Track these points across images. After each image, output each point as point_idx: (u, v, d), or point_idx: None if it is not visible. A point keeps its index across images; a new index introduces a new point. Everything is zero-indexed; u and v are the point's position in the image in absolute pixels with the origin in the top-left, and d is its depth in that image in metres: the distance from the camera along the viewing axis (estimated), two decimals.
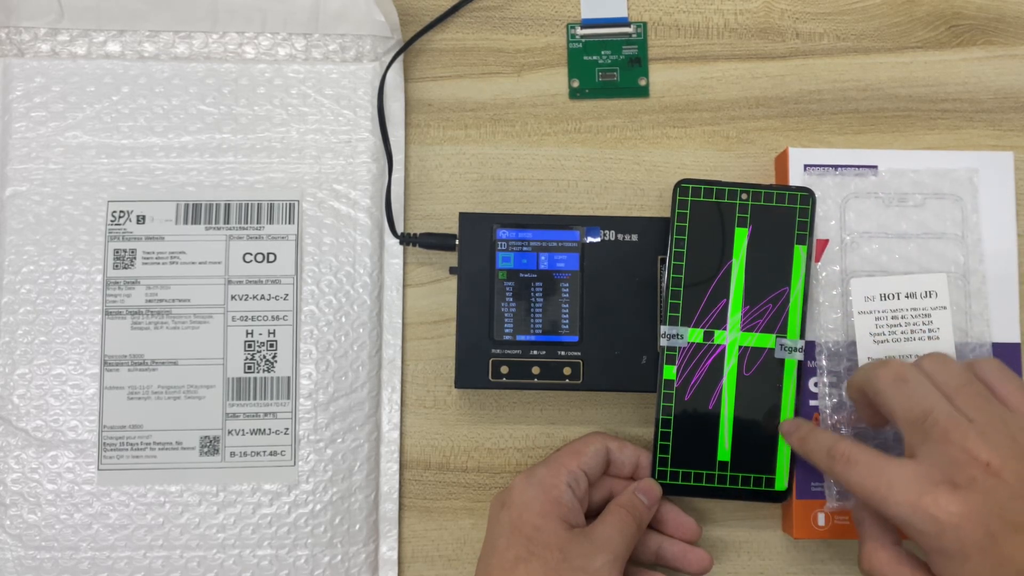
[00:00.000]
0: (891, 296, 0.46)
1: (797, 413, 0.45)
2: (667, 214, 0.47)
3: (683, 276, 0.45)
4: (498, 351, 0.46)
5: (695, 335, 0.45)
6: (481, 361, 0.46)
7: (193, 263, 0.48)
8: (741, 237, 0.46)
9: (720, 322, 0.45)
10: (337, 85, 0.50)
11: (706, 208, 0.46)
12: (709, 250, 0.46)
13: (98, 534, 0.46)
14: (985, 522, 0.34)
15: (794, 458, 0.45)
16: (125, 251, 0.48)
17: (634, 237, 0.47)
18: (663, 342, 0.45)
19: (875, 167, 0.48)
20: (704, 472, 0.45)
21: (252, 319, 0.48)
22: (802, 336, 0.45)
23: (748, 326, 0.45)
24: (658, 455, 0.45)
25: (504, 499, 0.43)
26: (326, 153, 0.49)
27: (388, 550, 0.48)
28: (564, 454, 0.45)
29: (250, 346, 0.48)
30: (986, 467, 0.35)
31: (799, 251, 0.45)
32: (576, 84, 0.51)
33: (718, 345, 0.45)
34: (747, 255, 0.45)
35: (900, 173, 0.48)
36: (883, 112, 0.51)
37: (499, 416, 0.49)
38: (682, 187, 0.46)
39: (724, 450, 0.45)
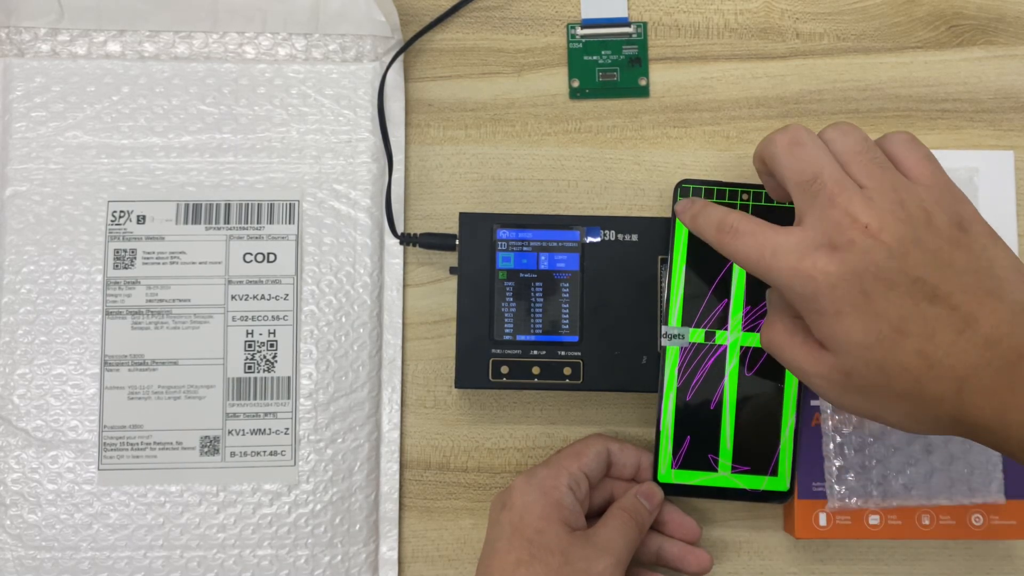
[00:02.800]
0: None
1: (798, 413, 0.45)
2: (667, 214, 0.47)
3: (684, 276, 0.45)
4: (498, 351, 0.46)
5: (696, 335, 0.45)
6: (481, 361, 0.46)
7: (193, 263, 0.48)
8: None
9: (721, 322, 0.45)
10: (337, 85, 0.50)
11: None
12: (710, 250, 0.45)
13: (98, 534, 0.46)
14: (859, 281, 0.34)
15: (796, 458, 0.45)
16: (125, 251, 0.48)
17: (634, 237, 0.47)
18: (664, 342, 0.45)
19: None
20: (706, 473, 0.45)
21: (252, 319, 0.48)
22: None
23: (750, 326, 0.45)
24: (659, 456, 0.45)
25: (505, 501, 0.43)
26: (326, 153, 0.49)
27: (388, 550, 0.48)
28: (565, 456, 0.45)
29: (250, 346, 0.48)
30: (865, 229, 0.34)
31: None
32: (576, 84, 0.51)
33: (720, 345, 0.45)
34: None
35: None
36: (883, 112, 0.51)
37: (499, 416, 0.49)
38: (683, 187, 0.46)
39: (726, 451, 0.45)
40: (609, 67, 0.51)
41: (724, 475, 0.45)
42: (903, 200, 0.35)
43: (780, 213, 0.45)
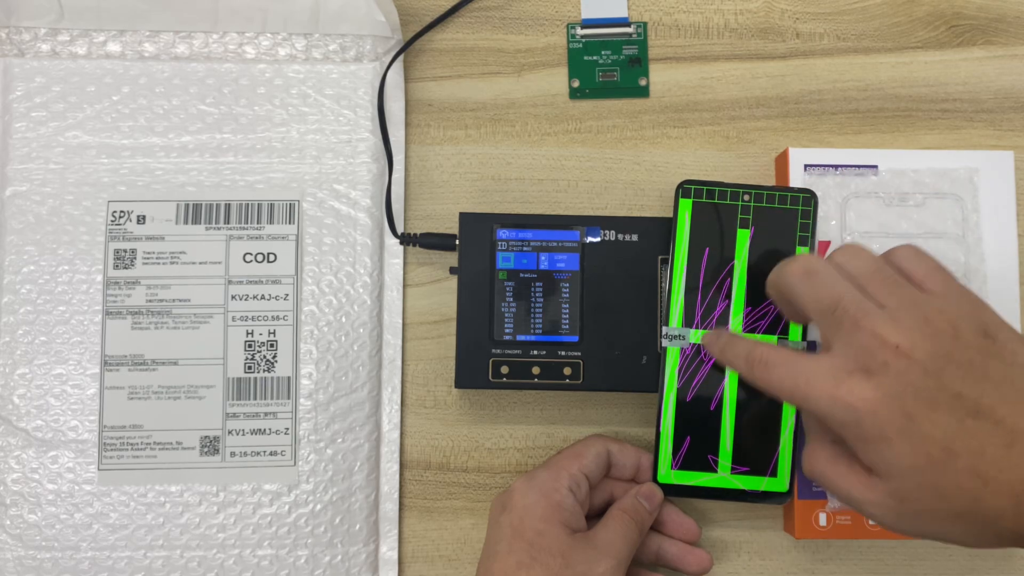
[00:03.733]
0: None
1: (798, 414, 0.45)
2: (667, 214, 0.47)
3: (685, 277, 0.45)
4: (498, 351, 0.46)
5: (697, 336, 0.45)
6: (481, 361, 0.46)
7: (193, 263, 0.48)
8: (743, 238, 0.45)
9: (722, 323, 0.45)
10: (337, 85, 0.50)
11: (708, 209, 0.46)
12: (711, 251, 0.45)
13: (98, 534, 0.46)
14: (900, 404, 0.34)
15: (795, 459, 0.45)
16: (125, 251, 0.48)
17: (634, 237, 0.47)
18: (665, 343, 0.45)
19: (875, 167, 0.48)
20: (705, 474, 0.45)
21: (252, 319, 0.48)
22: (804, 338, 0.45)
23: (750, 327, 0.45)
24: (659, 457, 0.45)
25: (505, 502, 0.43)
26: (326, 153, 0.49)
27: (388, 550, 0.48)
28: (565, 457, 0.45)
29: (250, 346, 0.48)
30: (896, 349, 0.34)
31: (801, 252, 0.45)
32: (576, 84, 0.51)
33: None
34: (749, 256, 0.45)
35: (900, 173, 0.48)
36: (883, 112, 0.51)
37: (499, 416, 0.49)
38: (684, 188, 0.46)
39: (725, 451, 0.45)
40: (609, 67, 0.51)
41: (724, 476, 0.45)
42: (927, 316, 0.35)
43: (782, 214, 0.45)
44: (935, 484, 0.33)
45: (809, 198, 0.46)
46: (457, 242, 0.47)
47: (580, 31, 0.51)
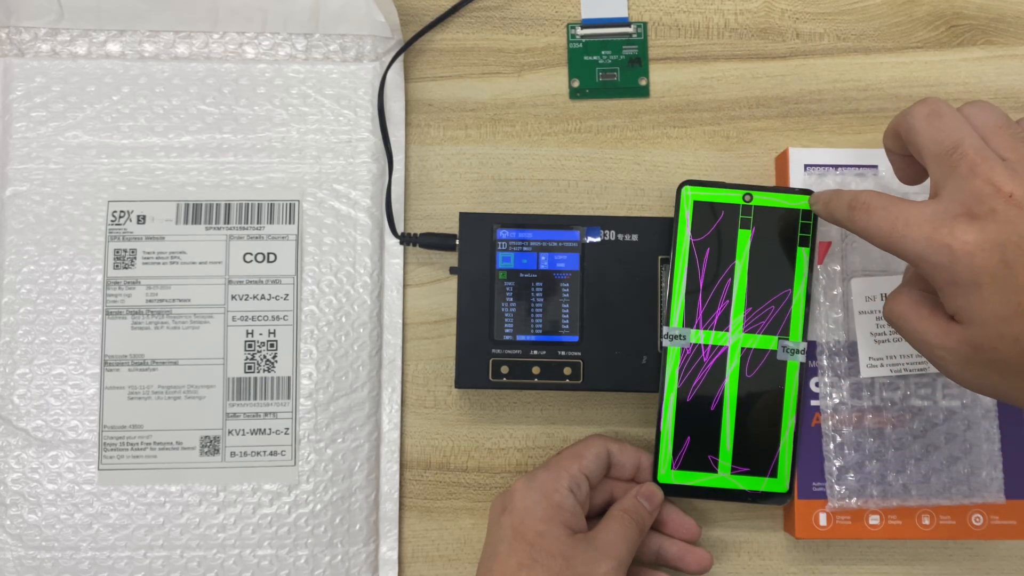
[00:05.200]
0: None
1: (798, 415, 0.45)
2: (667, 214, 0.47)
3: (686, 277, 0.45)
4: (498, 351, 0.46)
5: (697, 336, 0.45)
6: (481, 361, 0.46)
7: (193, 263, 0.48)
8: (744, 239, 0.45)
9: (723, 323, 0.45)
10: (337, 85, 0.50)
11: (708, 209, 0.46)
12: (712, 252, 0.45)
13: (98, 534, 0.46)
14: (1001, 250, 0.33)
15: (795, 459, 0.45)
16: (125, 251, 0.48)
17: (634, 237, 0.47)
18: (665, 343, 0.45)
19: (875, 167, 0.48)
20: (705, 474, 0.45)
21: (252, 319, 0.48)
22: (804, 338, 0.45)
23: (751, 328, 0.45)
24: (659, 457, 0.45)
25: (505, 503, 0.43)
26: (326, 153, 0.49)
27: (388, 550, 0.48)
28: (565, 458, 0.45)
29: (250, 346, 0.48)
30: (1009, 198, 0.33)
31: (802, 253, 0.45)
32: (576, 84, 0.51)
33: (720, 346, 0.45)
34: (750, 257, 0.45)
35: None
36: (883, 112, 0.51)
37: (499, 416, 0.49)
38: (685, 188, 0.46)
39: (726, 452, 0.45)
40: (609, 67, 0.51)
41: (724, 476, 0.45)
42: None
43: (782, 214, 0.45)
44: (1017, 335, 0.33)
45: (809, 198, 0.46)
46: (457, 242, 0.47)
47: (580, 31, 0.51)
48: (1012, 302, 0.33)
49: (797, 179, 0.48)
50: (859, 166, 0.48)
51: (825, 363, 0.46)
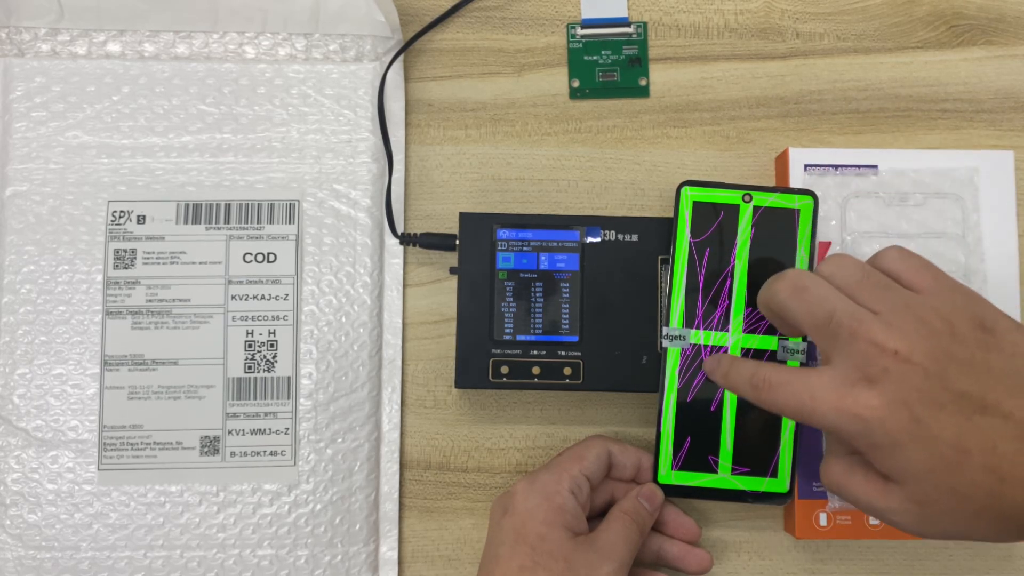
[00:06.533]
0: None
1: None
2: (667, 214, 0.47)
3: (685, 277, 0.45)
4: (498, 351, 0.46)
5: (697, 336, 0.45)
6: (481, 361, 0.46)
7: (193, 263, 0.48)
8: (744, 239, 0.45)
9: (723, 324, 0.45)
10: (337, 85, 0.50)
11: (708, 210, 0.46)
12: (712, 252, 0.45)
13: (98, 534, 0.46)
14: (907, 408, 0.33)
15: (796, 460, 0.45)
16: (125, 251, 0.48)
17: (634, 237, 0.47)
18: (665, 343, 0.45)
19: (875, 167, 0.48)
20: (706, 474, 0.45)
21: (252, 319, 0.48)
22: (804, 338, 0.45)
23: (750, 328, 0.45)
24: (659, 457, 0.45)
25: (506, 505, 0.43)
26: (326, 153, 0.49)
27: (388, 550, 0.48)
28: (566, 459, 0.44)
29: (250, 346, 0.48)
30: (895, 355, 0.34)
31: (801, 253, 0.45)
32: (576, 84, 0.51)
33: (720, 347, 0.45)
34: (750, 257, 0.45)
35: (900, 173, 0.48)
36: (883, 112, 0.51)
37: (499, 416, 0.49)
38: (685, 189, 0.46)
39: (726, 452, 0.45)
40: (609, 67, 0.51)
41: (724, 476, 0.45)
42: (921, 316, 0.35)
43: (782, 214, 0.45)
44: (952, 484, 0.33)
45: (809, 198, 0.46)
46: (457, 242, 0.47)
47: (580, 31, 0.51)
48: (935, 454, 0.33)
49: (797, 179, 0.48)
50: (859, 166, 0.48)
51: None
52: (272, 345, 0.48)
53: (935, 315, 0.35)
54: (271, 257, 0.48)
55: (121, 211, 0.48)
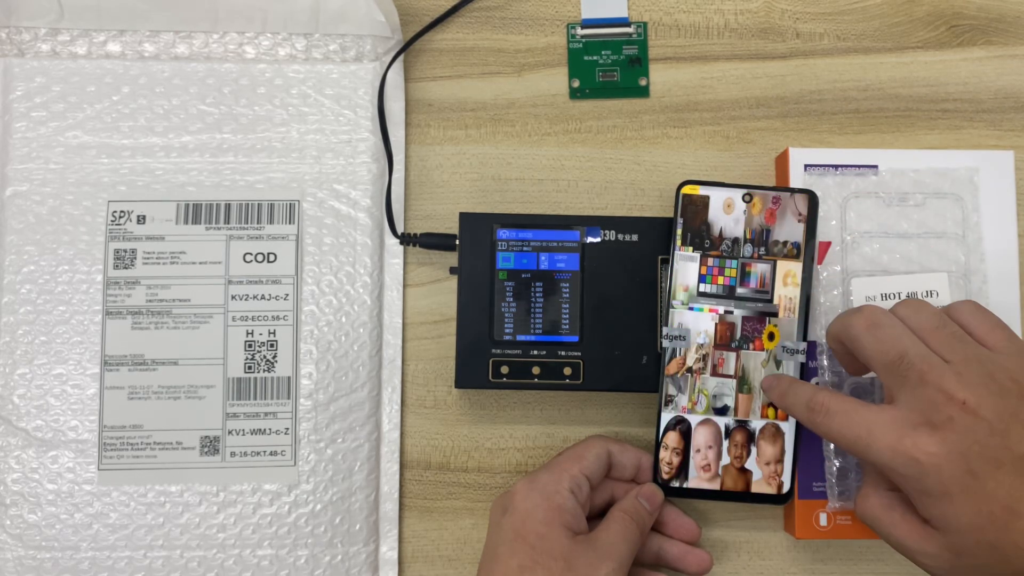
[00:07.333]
0: (892, 296, 0.46)
1: None
2: (667, 214, 0.47)
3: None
4: (498, 351, 0.46)
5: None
6: (481, 361, 0.46)
7: (193, 263, 0.48)
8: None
9: None
10: (337, 85, 0.50)
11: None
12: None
13: (98, 534, 0.46)
14: (965, 460, 0.34)
15: (796, 460, 0.45)
16: (125, 251, 0.48)
17: (634, 237, 0.47)
18: (665, 343, 0.45)
19: (875, 167, 0.48)
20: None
21: (252, 319, 0.48)
22: (804, 338, 0.45)
23: None
24: (659, 457, 0.45)
25: (506, 505, 0.43)
26: (326, 153, 0.49)
27: (388, 550, 0.48)
28: (566, 459, 0.44)
29: (250, 346, 0.48)
30: (963, 405, 0.34)
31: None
32: (576, 84, 0.51)
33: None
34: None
35: (900, 173, 0.48)
36: (883, 112, 0.51)
37: (499, 416, 0.49)
38: (685, 188, 0.46)
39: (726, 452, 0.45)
40: (609, 67, 0.51)
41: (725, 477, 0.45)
42: (992, 373, 0.35)
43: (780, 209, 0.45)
44: (994, 543, 0.34)
45: (809, 198, 0.46)
46: (457, 242, 0.47)
47: (580, 31, 0.51)
48: (984, 511, 0.34)
49: (797, 179, 0.48)
50: (859, 166, 0.48)
51: (825, 363, 0.46)
52: (272, 345, 0.48)
53: (1006, 374, 0.35)
54: (271, 257, 0.48)
55: (121, 211, 0.48)
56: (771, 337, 0.45)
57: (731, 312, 0.45)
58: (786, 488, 0.45)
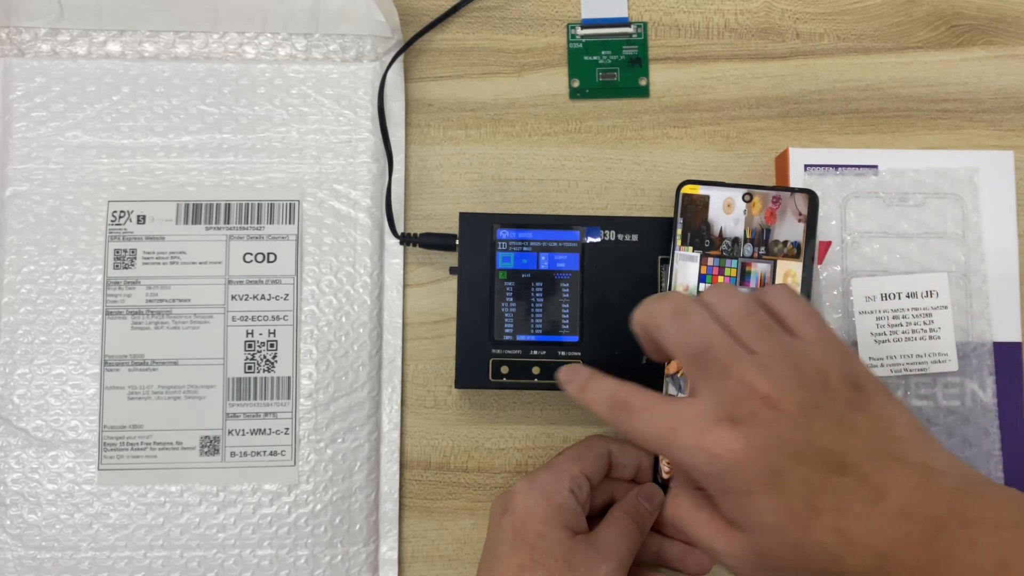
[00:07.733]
0: (892, 296, 0.46)
1: None
2: (667, 214, 0.47)
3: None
4: (498, 351, 0.46)
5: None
6: (481, 361, 0.46)
7: (193, 263, 0.48)
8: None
9: None
10: (337, 85, 0.50)
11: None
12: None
13: (98, 534, 0.46)
14: (767, 457, 0.32)
15: None
16: (125, 251, 0.48)
17: (634, 237, 0.47)
18: None
19: (875, 167, 0.48)
20: None
21: (252, 319, 0.48)
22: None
23: None
24: (659, 457, 0.45)
25: (506, 504, 0.43)
26: (326, 153, 0.49)
27: (388, 550, 0.48)
28: (566, 458, 0.44)
29: (250, 346, 0.48)
30: (765, 399, 0.32)
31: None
32: (576, 84, 0.51)
33: None
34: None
35: (900, 173, 0.48)
36: (883, 112, 0.51)
37: (499, 416, 0.49)
38: (685, 188, 0.46)
39: None
40: (609, 67, 0.51)
41: None
42: (798, 364, 0.33)
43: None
44: (796, 542, 0.32)
45: (809, 198, 0.46)
46: (457, 242, 0.47)
47: (580, 31, 0.51)
48: (786, 509, 0.32)
49: (797, 179, 0.48)
50: (859, 166, 0.48)
51: None
52: (272, 345, 0.48)
53: (812, 365, 0.33)
54: (271, 257, 0.48)
55: (121, 211, 0.48)
56: None
57: None
58: None
